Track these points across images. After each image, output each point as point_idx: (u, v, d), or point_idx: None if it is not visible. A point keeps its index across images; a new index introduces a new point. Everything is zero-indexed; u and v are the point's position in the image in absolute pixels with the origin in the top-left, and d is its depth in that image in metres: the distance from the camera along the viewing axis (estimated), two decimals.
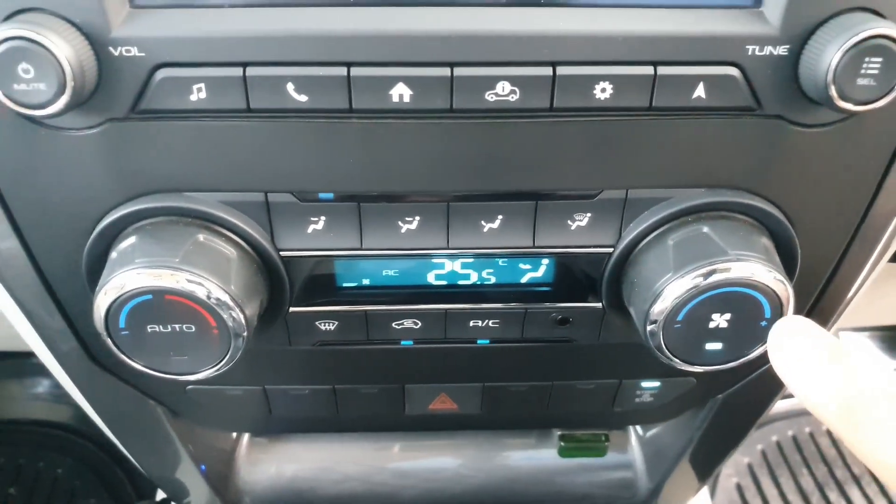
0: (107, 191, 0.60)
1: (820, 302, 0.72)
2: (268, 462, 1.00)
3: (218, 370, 0.61)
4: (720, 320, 0.61)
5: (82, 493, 1.84)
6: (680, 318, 0.61)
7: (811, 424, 1.92)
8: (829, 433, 1.91)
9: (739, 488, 1.81)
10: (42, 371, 2.07)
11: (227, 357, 0.60)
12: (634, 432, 1.02)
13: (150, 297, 0.57)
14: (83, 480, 1.86)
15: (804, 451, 1.89)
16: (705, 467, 0.98)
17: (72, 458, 1.90)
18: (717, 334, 0.62)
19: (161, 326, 0.59)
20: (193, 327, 0.59)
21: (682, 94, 0.56)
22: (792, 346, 0.49)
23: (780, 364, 0.49)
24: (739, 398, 0.84)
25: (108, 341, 0.60)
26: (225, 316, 0.58)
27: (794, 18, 0.53)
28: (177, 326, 0.59)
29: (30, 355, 1.98)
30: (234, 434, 1.00)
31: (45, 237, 0.63)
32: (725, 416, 0.87)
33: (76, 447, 1.91)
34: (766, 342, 0.62)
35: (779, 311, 0.60)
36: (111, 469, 1.88)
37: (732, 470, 1.82)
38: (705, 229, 0.61)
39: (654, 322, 0.61)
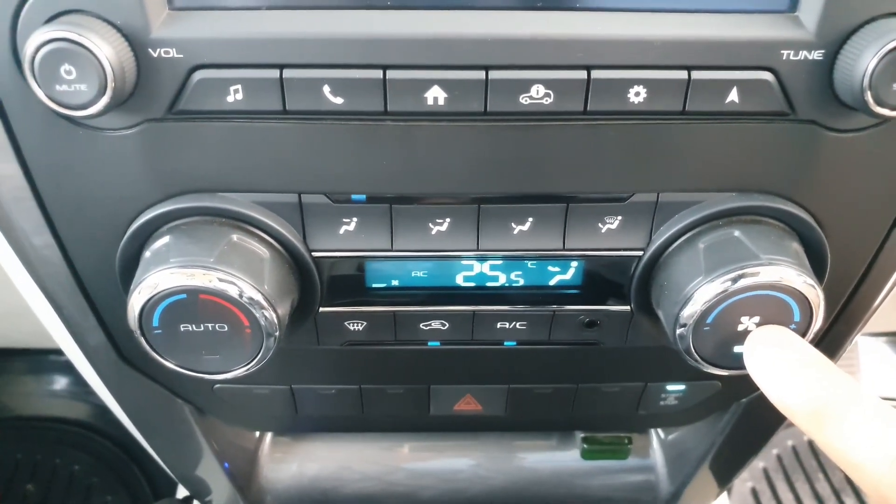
0: (142, 190, 0.60)
1: (848, 306, 0.72)
2: (290, 461, 1.00)
3: (249, 369, 0.62)
4: (749, 323, 0.61)
5: (99, 490, 1.85)
6: (709, 321, 0.61)
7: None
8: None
9: (755, 493, 1.81)
10: (60, 368, 2.09)
11: (259, 356, 0.61)
12: (656, 435, 1.02)
13: (184, 296, 0.58)
14: (100, 477, 1.88)
15: (820, 456, 1.88)
16: (727, 472, 0.98)
17: (89, 455, 1.91)
18: (746, 337, 0.62)
19: (194, 325, 0.60)
20: (226, 326, 0.60)
21: (715, 99, 0.56)
22: (766, 351, 0.53)
23: (753, 368, 0.53)
24: (764, 402, 0.84)
25: (142, 340, 0.60)
26: (258, 315, 0.59)
27: (831, 23, 0.53)
28: (209, 326, 0.60)
29: (47, 352, 2.00)
30: (257, 433, 1.00)
31: (80, 236, 0.64)
32: (749, 420, 0.87)
33: (93, 444, 1.92)
34: None
35: (809, 315, 0.60)
36: (128, 467, 1.90)
37: (748, 474, 1.81)
38: (736, 233, 0.61)
39: (684, 325, 0.61)
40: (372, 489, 1.02)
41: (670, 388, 0.81)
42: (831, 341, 0.77)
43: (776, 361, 0.52)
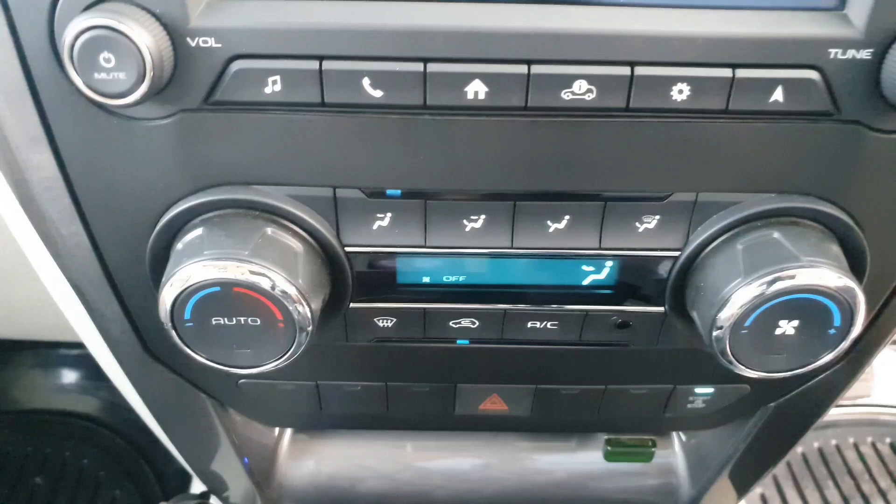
0: (175, 181, 0.60)
1: (885, 311, 0.71)
2: (308, 458, 1.00)
3: (280, 364, 0.61)
4: (787, 327, 0.60)
5: (107, 484, 1.85)
6: (747, 324, 0.60)
7: (837, 437, 1.90)
8: (855, 446, 1.89)
9: (764, 500, 1.80)
10: (70, 362, 2.09)
11: (291, 351, 0.60)
12: (678, 438, 1.01)
13: (217, 289, 0.57)
14: (108, 472, 1.88)
15: (830, 464, 1.87)
16: (748, 478, 0.97)
17: (98, 449, 1.91)
18: (783, 341, 0.61)
19: (226, 319, 0.59)
20: (259, 320, 0.59)
21: (759, 98, 0.55)
22: None
23: None
24: (791, 408, 0.83)
25: (172, 333, 0.60)
26: (291, 309, 0.58)
27: (880, 22, 0.52)
28: (242, 319, 0.59)
29: (58, 346, 2.00)
30: (276, 430, 1.00)
31: (110, 226, 0.64)
32: (775, 425, 0.86)
33: (102, 439, 1.92)
34: (834, 350, 0.62)
35: (849, 319, 0.60)
36: (137, 462, 1.90)
37: None
38: (776, 235, 0.61)
39: (721, 328, 0.60)
40: (388, 488, 1.01)
41: (699, 390, 0.80)
42: (863, 348, 0.76)
43: None
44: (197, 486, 1.28)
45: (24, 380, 2.01)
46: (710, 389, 0.80)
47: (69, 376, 2.01)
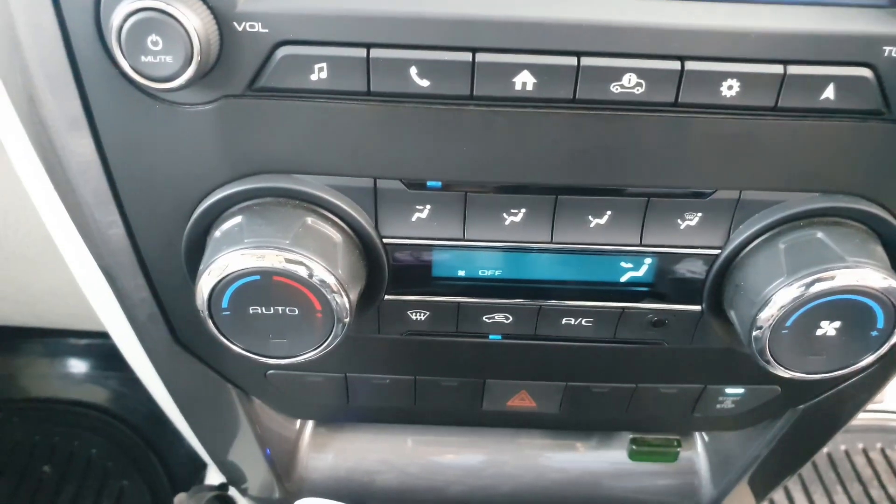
0: (215, 168, 0.59)
1: None
2: (329, 451, 0.99)
3: (316, 354, 0.61)
4: (829, 328, 0.60)
5: (115, 474, 1.85)
6: (788, 324, 0.59)
7: (847, 442, 1.90)
8: (864, 452, 1.89)
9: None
10: (79, 351, 2.09)
11: (328, 341, 0.60)
12: (701, 439, 1.00)
13: (257, 277, 0.57)
14: (116, 462, 1.88)
15: (839, 469, 1.86)
16: (769, 481, 0.96)
17: (106, 439, 1.91)
18: (824, 342, 0.61)
19: (264, 308, 0.59)
20: (297, 310, 0.58)
21: (810, 95, 0.55)
22: None
23: None
24: (819, 411, 0.83)
25: (209, 322, 0.59)
26: (330, 299, 0.57)
27: None
28: (280, 309, 0.58)
29: (66, 335, 1.99)
30: (298, 422, 0.99)
31: (147, 213, 0.63)
32: (801, 428, 0.86)
33: (111, 429, 1.92)
34: (875, 351, 0.61)
35: (893, 321, 0.59)
36: (144, 452, 1.90)
37: None
38: (819, 234, 0.60)
39: (761, 328, 0.60)
40: (408, 482, 1.01)
41: (729, 391, 0.79)
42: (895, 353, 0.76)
43: None
44: (210, 478, 1.28)
45: (34, 368, 2.01)
46: (740, 390, 0.79)
47: (78, 366, 2.01)
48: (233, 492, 1.01)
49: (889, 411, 1.93)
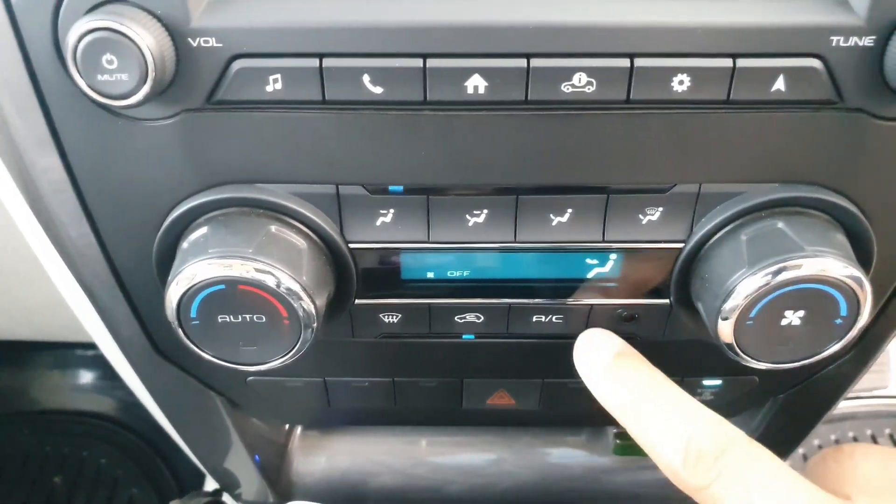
0: (180, 181, 0.60)
1: (893, 301, 0.70)
2: (319, 455, 1.00)
3: (286, 360, 0.62)
4: (793, 317, 0.60)
5: (124, 482, 1.87)
6: (752, 315, 0.60)
7: (855, 429, 1.89)
8: (873, 438, 1.88)
9: None
10: (87, 362, 2.11)
11: (297, 347, 0.61)
12: None
13: (222, 286, 0.58)
14: (125, 470, 1.90)
15: None
16: None
17: (115, 448, 1.93)
18: (789, 332, 0.61)
19: (232, 317, 0.60)
20: (264, 317, 0.59)
21: (760, 87, 0.55)
22: (586, 355, 0.63)
23: (578, 369, 0.64)
24: (800, 400, 0.83)
25: (179, 331, 0.60)
26: (296, 306, 0.58)
27: (882, 9, 0.51)
28: (248, 316, 0.59)
29: (75, 346, 2.01)
30: (287, 427, 1.00)
31: (118, 227, 0.64)
32: (784, 417, 0.86)
33: (120, 438, 1.94)
34: (840, 340, 0.61)
35: (856, 310, 0.59)
36: (153, 461, 1.91)
37: None
38: (780, 224, 0.60)
39: (726, 319, 0.60)
40: (400, 483, 1.02)
41: (707, 382, 0.79)
42: (872, 339, 0.76)
43: (593, 363, 0.62)
44: (210, 484, 1.29)
45: (43, 380, 2.04)
46: (717, 381, 0.79)
47: (86, 376, 2.03)
48: (227, 498, 1.02)
49: None
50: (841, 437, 1.89)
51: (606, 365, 0.61)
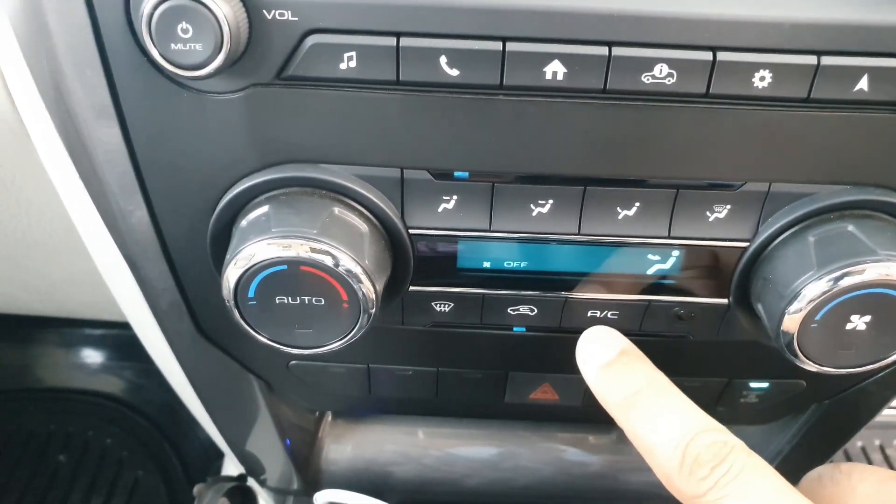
0: (241, 157, 0.59)
1: None
2: (348, 442, 1.00)
3: (342, 345, 0.60)
4: (859, 322, 0.59)
5: (130, 464, 1.86)
6: (818, 318, 0.59)
7: (864, 439, 1.88)
8: (881, 448, 1.87)
9: None
10: (94, 341, 2.10)
11: (354, 332, 0.60)
12: None
13: (284, 267, 0.56)
14: (131, 452, 1.89)
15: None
16: (792, 476, 0.95)
17: (121, 429, 1.92)
18: (854, 336, 0.60)
19: (290, 298, 0.58)
20: (323, 300, 0.58)
21: (843, 87, 0.54)
22: (588, 347, 0.61)
23: (579, 363, 0.61)
24: (844, 406, 0.82)
25: (235, 312, 0.59)
26: (357, 290, 0.57)
27: None
28: (306, 299, 0.58)
29: (82, 324, 1.99)
30: (317, 414, 0.99)
31: (172, 201, 0.63)
32: (825, 424, 0.85)
33: (126, 419, 1.93)
34: None
35: None
36: (159, 443, 1.90)
37: None
38: (850, 227, 0.59)
39: (791, 321, 0.59)
40: (425, 474, 1.01)
41: (753, 385, 0.79)
42: None
43: (595, 359, 0.60)
44: (226, 469, 1.28)
45: (49, 358, 2.02)
46: (765, 384, 0.79)
47: (93, 356, 2.02)
48: (251, 482, 1.01)
49: None
50: (849, 446, 1.89)
51: (608, 361, 0.59)
